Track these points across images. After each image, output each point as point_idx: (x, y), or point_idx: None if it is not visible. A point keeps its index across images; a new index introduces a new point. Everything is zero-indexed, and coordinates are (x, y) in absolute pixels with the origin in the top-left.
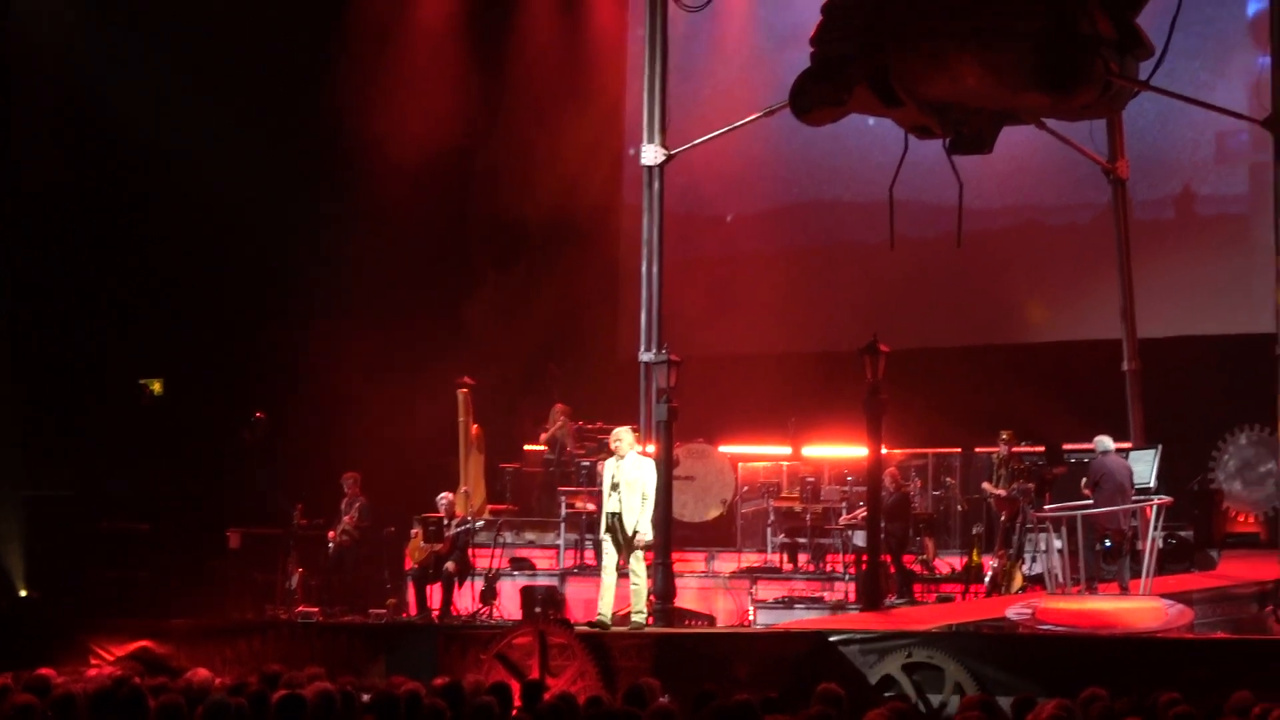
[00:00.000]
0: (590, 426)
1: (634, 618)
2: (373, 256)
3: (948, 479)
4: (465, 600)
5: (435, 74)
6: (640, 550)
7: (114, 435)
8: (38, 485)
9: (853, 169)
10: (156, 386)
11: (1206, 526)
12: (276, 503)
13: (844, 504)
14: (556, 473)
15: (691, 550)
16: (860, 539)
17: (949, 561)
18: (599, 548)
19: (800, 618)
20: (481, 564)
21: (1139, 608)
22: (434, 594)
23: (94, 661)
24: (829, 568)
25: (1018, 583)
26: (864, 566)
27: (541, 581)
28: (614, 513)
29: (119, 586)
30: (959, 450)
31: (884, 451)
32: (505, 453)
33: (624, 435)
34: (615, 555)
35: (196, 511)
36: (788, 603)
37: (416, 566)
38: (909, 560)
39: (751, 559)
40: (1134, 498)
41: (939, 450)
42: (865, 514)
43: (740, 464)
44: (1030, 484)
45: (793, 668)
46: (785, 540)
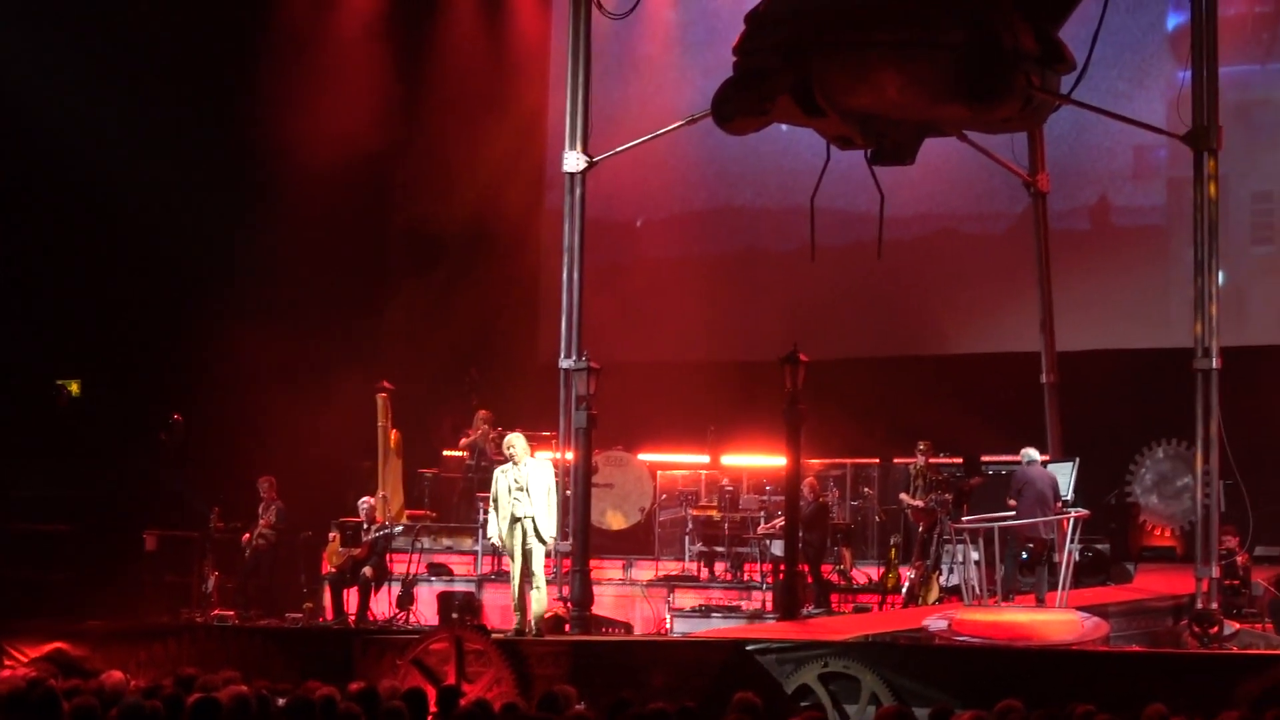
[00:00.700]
0: (509, 433)
1: (533, 623)
2: (292, 260)
3: (866, 489)
4: (382, 605)
5: (355, 79)
6: (541, 555)
7: (30, 436)
8: None
9: (764, 175)
10: (74, 388)
11: (1123, 540)
12: (193, 505)
13: (762, 513)
14: (475, 479)
15: (609, 558)
16: (778, 548)
17: (866, 572)
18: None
19: (717, 626)
20: (399, 569)
21: (1055, 620)
22: (350, 598)
23: (7, 663)
24: (746, 577)
25: (934, 594)
26: (781, 576)
27: (459, 587)
28: (526, 516)
29: (33, 587)
30: (877, 461)
31: (802, 461)
32: (424, 458)
33: (518, 441)
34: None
35: (112, 513)
36: (705, 611)
37: (334, 571)
38: (826, 570)
39: (669, 567)
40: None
41: (857, 460)
42: (783, 523)
43: (659, 472)
44: (948, 495)
45: (710, 677)
46: (703, 549)
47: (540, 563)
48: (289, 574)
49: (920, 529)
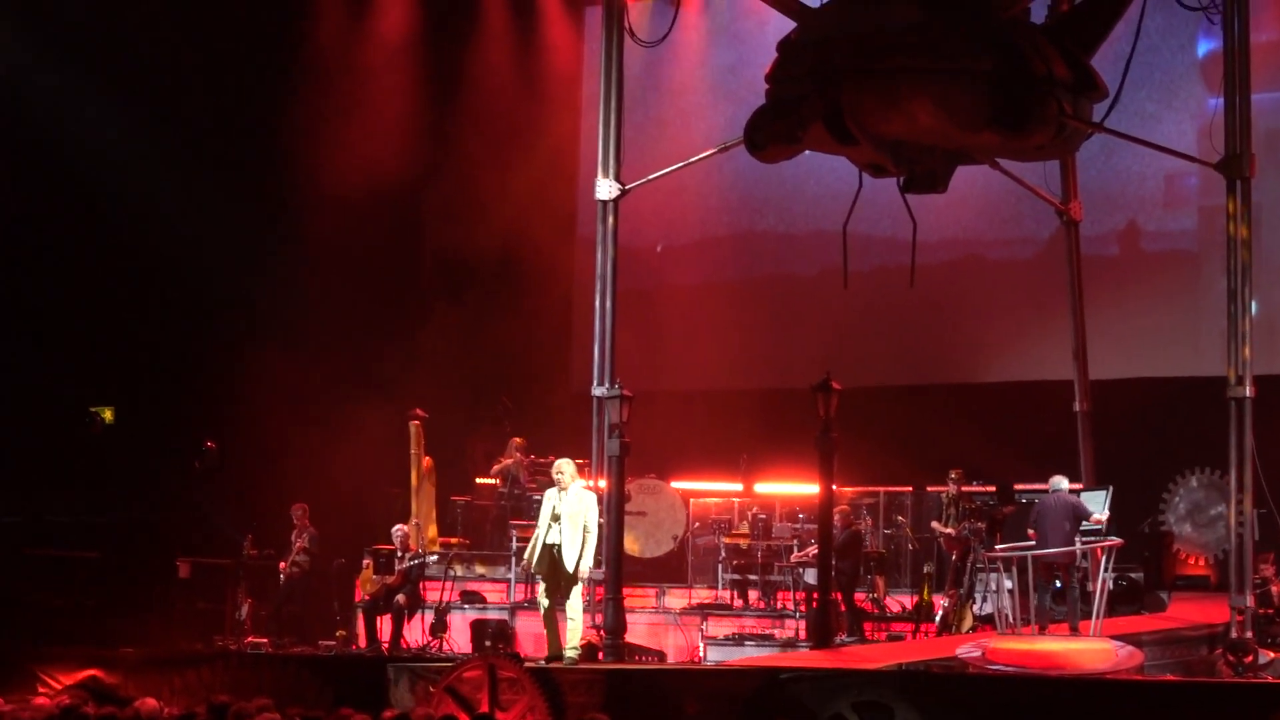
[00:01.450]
0: (542, 460)
1: (568, 653)
2: (324, 288)
3: (899, 517)
4: (415, 633)
5: (385, 106)
6: (579, 586)
7: (64, 463)
8: None
9: (789, 200)
10: (107, 415)
11: (1157, 568)
12: (226, 532)
13: (795, 541)
14: (508, 506)
15: (642, 586)
16: (811, 576)
17: (900, 600)
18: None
19: (750, 655)
20: (432, 597)
21: (1089, 649)
22: (384, 626)
23: (42, 690)
24: (780, 605)
25: (968, 622)
26: (815, 604)
27: (492, 615)
28: (553, 544)
29: (67, 614)
30: (910, 489)
31: (835, 489)
32: (456, 486)
33: (566, 467)
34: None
35: (146, 540)
36: (738, 639)
37: (367, 598)
38: (860, 598)
39: (702, 595)
40: (1082, 531)
41: (890, 488)
42: (816, 551)
43: (692, 500)
44: (981, 523)
45: (743, 705)
46: (736, 577)
47: (575, 592)
48: (322, 601)
49: (953, 557)
